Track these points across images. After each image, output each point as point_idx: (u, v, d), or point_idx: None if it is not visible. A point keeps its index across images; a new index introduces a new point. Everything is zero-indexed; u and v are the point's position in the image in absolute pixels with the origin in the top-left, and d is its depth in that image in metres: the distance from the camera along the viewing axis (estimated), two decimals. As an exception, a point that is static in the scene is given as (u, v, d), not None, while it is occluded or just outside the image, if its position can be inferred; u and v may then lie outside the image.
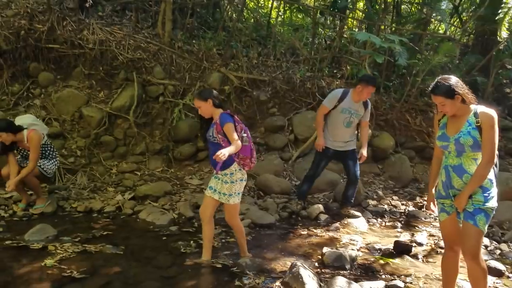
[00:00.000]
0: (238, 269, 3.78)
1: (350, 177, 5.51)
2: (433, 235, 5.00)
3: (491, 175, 2.85)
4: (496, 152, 2.81)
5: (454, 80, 2.84)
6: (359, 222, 5.30)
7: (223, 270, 3.77)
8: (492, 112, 2.80)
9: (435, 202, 3.16)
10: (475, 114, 2.81)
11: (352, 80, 7.71)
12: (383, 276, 3.79)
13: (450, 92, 2.78)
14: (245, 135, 3.69)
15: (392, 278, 3.75)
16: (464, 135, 2.81)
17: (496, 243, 4.80)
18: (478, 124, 2.77)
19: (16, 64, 6.39)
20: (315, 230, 5.03)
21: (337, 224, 5.17)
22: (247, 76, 7.30)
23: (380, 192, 6.53)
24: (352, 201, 5.63)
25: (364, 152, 5.37)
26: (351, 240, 4.71)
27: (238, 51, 7.55)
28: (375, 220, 5.55)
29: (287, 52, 8.42)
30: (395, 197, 6.43)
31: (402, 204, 6.16)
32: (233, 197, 3.74)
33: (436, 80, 2.90)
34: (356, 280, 3.57)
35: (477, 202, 2.82)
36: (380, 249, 4.44)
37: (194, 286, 3.50)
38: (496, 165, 2.89)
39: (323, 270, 3.87)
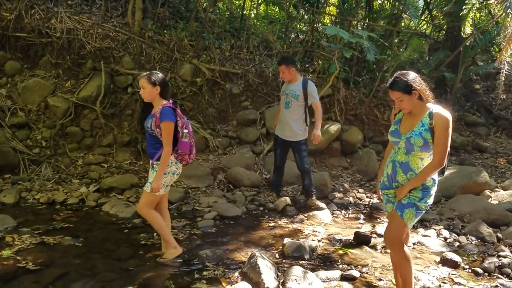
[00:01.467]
0: (198, 261, 3.81)
1: (299, 168, 5.62)
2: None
3: (435, 175, 2.93)
4: (448, 152, 2.85)
5: (412, 76, 2.84)
6: (323, 214, 5.38)
7: (183, 262, 3.79)
8: (447, 115, 2.80)
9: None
10: (430, 115, 2.80)
11: (324, 74, 7.77)
12: (341, 266, 3.87)
13: (407, 88, 2.79)
14: (185, 131, 3.61)
15: (349, 268, 3.83)
16: (416, 135, 2.83)
17: (455, 235, 4.94)
18: (431, 126, 2.78)
19: (-18, 52, 6.23)
20: (280, 222, 5.08)
21: (302, 216, 5.23)
22: (220, 68, 7.28)
23: (347, 185, 6.63)
24: (313, 191, 5.62)
25: (317, 132, 5.22)
26: (313, 231, 4.78)
27: (211, 43, 7.51)
28: (339, 212, 5.64)
29: (261, 45, 8.41)
30: (360, 190, 6.54)
31: (367, 197, 6.27)
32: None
33: (394, 75, 2.93)
34: (314, 270, 3.64)
35: (414, 197, 2.92)
36: (340, 240, 4.52)
37: (152, 278, 3.50)
38: (445, 167, 2.94)
39: (283, 261, 3.91)
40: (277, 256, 4.06)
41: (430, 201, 2.96)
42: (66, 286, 3.24)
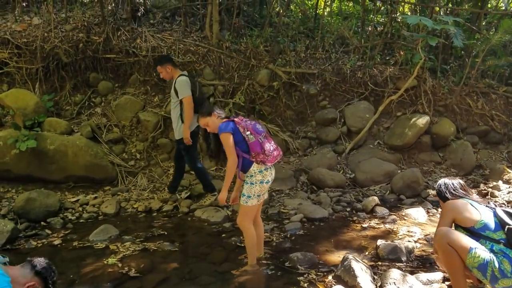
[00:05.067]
0: (289, 264, 3.80)
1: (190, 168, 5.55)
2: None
3: None
4: None
5: None
6: (418, 213, 5.09)
7: (275, 265, 3.80)
8: None
9: None
10: None
11: (407, 66, 7.39)
12: (442, 268, 3.61)
13: None
14: (248, 132, 3.57)
15: (452, 270, 3.56)
16: None
17: None
18: None
19: (77, 75, 6.85)
20: (370, 223, 4.90)
21: (393, 216, 5.00)
22: (296, 70, 7.26)
23: (441, 181, 6.20)
24: (207, 187, 5.47)
25: (184, 129, 5.07)
26: (408, 231, 4.54)
27: (286, 46, 7.51)
28: (435, 211, 5.30)
29: (336, 42, 8.23)
30: (457, 186, 6.08)
31: (466, 193, 5.80)
32: (251, 199, 3.63)
33: None
34: (412, 272, 3.45)
35: None
36: (439, 241, 4.22)
37: (247, 281, 3.56)
38: None
39: (377, 263, 3.76)
40: (371, 258, 3.91)
41: None
42: (168, 290, 3.41)
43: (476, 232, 2.82)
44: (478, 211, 2.90)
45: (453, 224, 2.98)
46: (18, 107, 6.14)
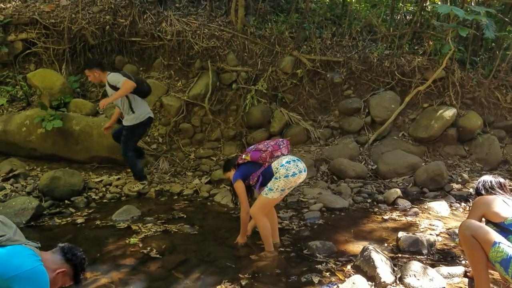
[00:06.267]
0: (308, 252, 3.79)
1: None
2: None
3: None
4: None
5: None
6: (440, 207, 4.99)
7: (293, 252, 3.81)
8: None
9: None
10: None
11: (435, 56, 7.20)
12: (463, 262, 3.55)
13: None
14: (243, 155, 3.84)
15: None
16: None
17: None
18: None
19: (103, 57, 6.94)
20: (391, 215, 4.84)
21: (415, 209, 4.93)
22: (321, 58, 7.16)
23: (466, 175, 6.07)
24: (136, 174, 5.64)
25: (111, 97, 5.17)
26: (430, 225, 4.47)
27: (311, 33, 7.41)
28: (458, 205, 5.20)
29: (364, 30, 8.06)
30: (482, 181, 5.93)
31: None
32: (272, 192, 3.62)
33: None
34: (433, 266, 3.39)
35: None
36: (462, 235, 4.14)
37: (265, 267, 3.57)
38: None
39: (398, 255, 3.71)
40: (391, 250, 3.86)
41: None
42: (187, 271, 3.44)
43: (505, 227, 2.75)
44: (510, 208, 2.83)
45: (484, 220, 2.92)
46: (45, 86, 6.26)
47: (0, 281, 2.00)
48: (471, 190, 5.59)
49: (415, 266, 3.20)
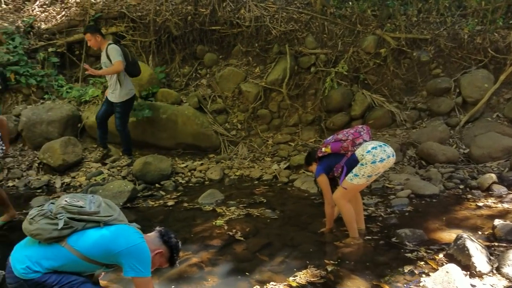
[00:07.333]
0: (397, 240, 3.63)
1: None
2: None
3: None
4: None
5: None
6: (545, 194, 4.51)
7: (381, 240, 3.67)
8: None
9: None
10: None
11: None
12: None
13: None
14: (323, 148, 3.76)
15: None
16: None
17: None
18: None
19: (186, 48, 7.16)
20: (486, 202, 4.49)
21: (514, 195, 4.50)
22: (406, 36, 6.75)
23: None
24: (126, 150, 5.88)
25: (100, 71, 5.58)
26: (532, 213, 4.05)
27: (396, 10, 7.00)
28: None
29: (452, 5, 7.44)
30: None
31: None
32: (357, 178, 3.50)
33: None
34: (537, 257, 3.07)
35: None
36: None
37: (350, 253, 3.49)
38: None
39: (494, 244, 3.47)
40: (487, 238, 3.61)
41: None
42: (272, 255, 3.47)
43: None
44: None
45: None
46: (135, 78, 6.63)
47: (110, 255, 2.19)
48: None
49: (516, 256, 2.93)
